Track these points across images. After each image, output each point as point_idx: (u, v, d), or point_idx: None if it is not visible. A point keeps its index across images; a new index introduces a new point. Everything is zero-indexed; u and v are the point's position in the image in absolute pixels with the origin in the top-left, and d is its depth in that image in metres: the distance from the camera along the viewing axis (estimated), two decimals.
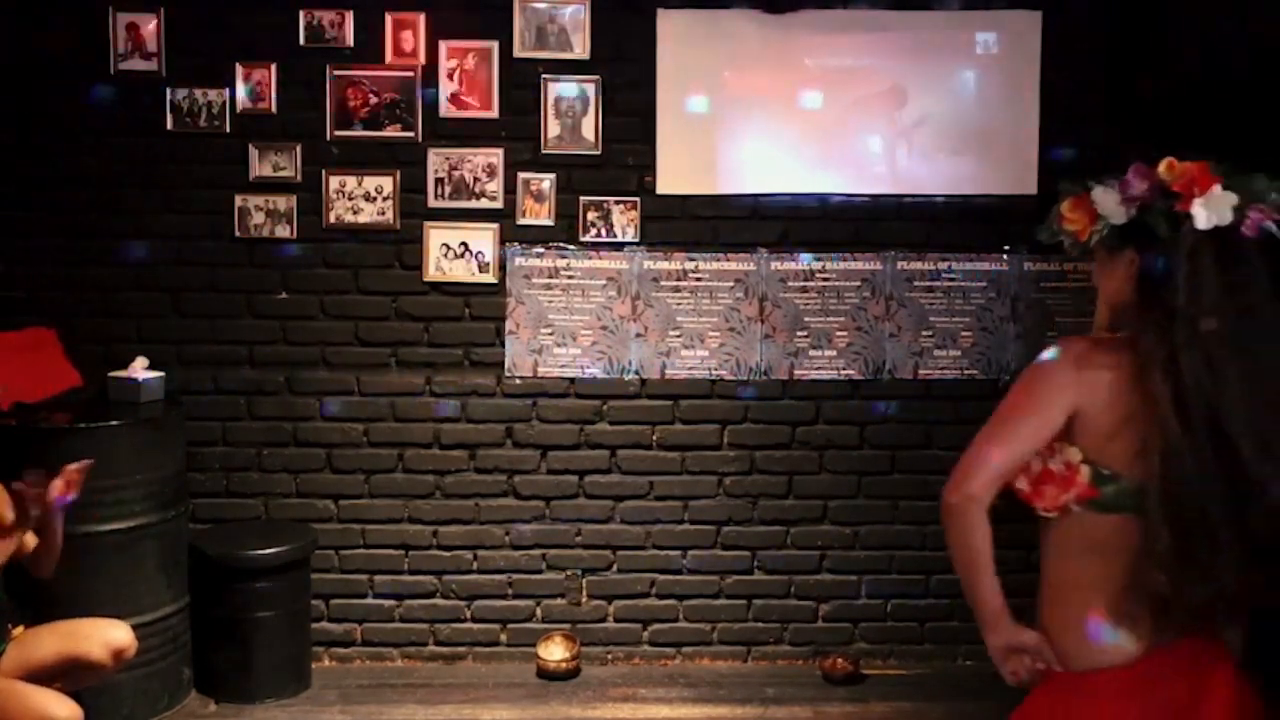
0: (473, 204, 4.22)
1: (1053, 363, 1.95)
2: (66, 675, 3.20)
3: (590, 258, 4.25)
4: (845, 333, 4.29)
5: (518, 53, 4.18)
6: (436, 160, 4.21)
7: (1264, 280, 1.90)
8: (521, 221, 4.23)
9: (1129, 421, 1.88)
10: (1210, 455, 1.82)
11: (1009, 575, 2.11)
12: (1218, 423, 1.82)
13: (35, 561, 3.26)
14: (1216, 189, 1.96)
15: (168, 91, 4.14)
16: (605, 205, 4.23)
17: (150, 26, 4.13)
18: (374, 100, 4.18)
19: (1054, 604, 2.02)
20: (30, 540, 3.21)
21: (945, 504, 2.03)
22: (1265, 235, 1.90)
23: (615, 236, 4.25)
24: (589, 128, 4.21)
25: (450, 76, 4.19)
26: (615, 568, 4.37)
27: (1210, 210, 1.92)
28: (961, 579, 2.06)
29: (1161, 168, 2.01)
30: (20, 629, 3.23)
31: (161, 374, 4.05)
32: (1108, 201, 2.02)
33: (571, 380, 4.29)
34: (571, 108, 4.21)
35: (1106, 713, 1.95)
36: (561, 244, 4.24)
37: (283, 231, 4.20)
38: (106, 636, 3.28)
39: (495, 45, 4.17)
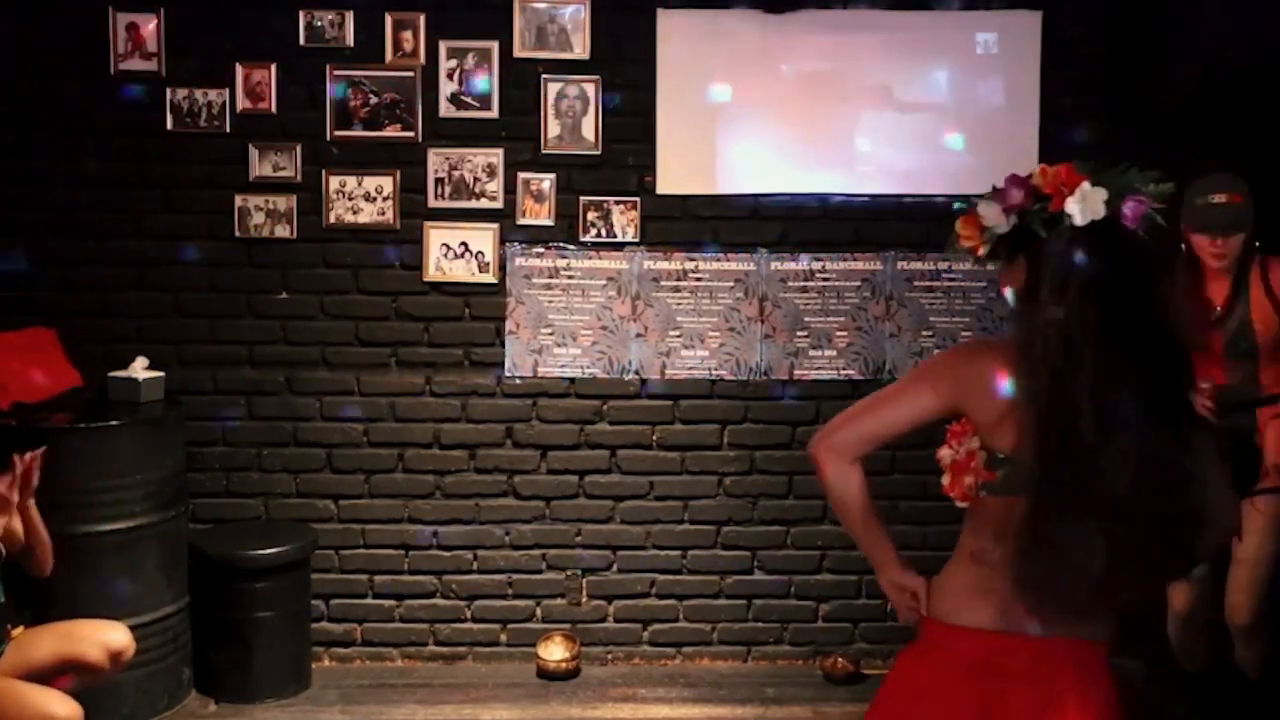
0: (473, 204, 4.22)
1: (942, 353, 2.09)
2: (64, 677, 3.20)
3: (590, 258, 4.25)
4: (845, 333, 4.29)
5: (518, 53, 4.18)
6: (436, 160, 4.21)
7: (1144, 267, 1.99)
8: (521, 221, 4.23)
9: (1013, 407, 1.96)
10: (1066, 440, 1.88)
11: None
12: (1071, 408, 1.88)
13: (29, 558, 3.25)
14: (1085, 185, 1.99)
15: (168, 91, 4.14)
16: (605, 205, 4.23)
17: (150, 26, 4.13)
18: (374, 100, 4.18)
19: (952, 567, 2.14)
20: (17, 527, 3.18)
21: (810, 456, 2.17)
22: (1148, 223, 1.98)
23: (615, 236, 4.25)
24: (589, 128, 4.21)
25: (450, 76, 4.19)
26: (615, 568, 4.37)
27: (1083, 207, 1.97)
28: (843, 526, 2.25)
29: (1034, 174, 2.07)
30: (19, 630, 3.22)
31: (161, 374, 4.05)
32: (991, 213, 2.07)
33: (571, 380, 4.29)
34: (571, 108, 4.21)
35: (948, 668, 2.04)
36: (561, 244, 4.24)
37: (283, 231, 4.20)
38: (104, 638, 3.27)
39: (495, 45, 4.18)
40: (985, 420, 2.03)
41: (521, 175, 4.21)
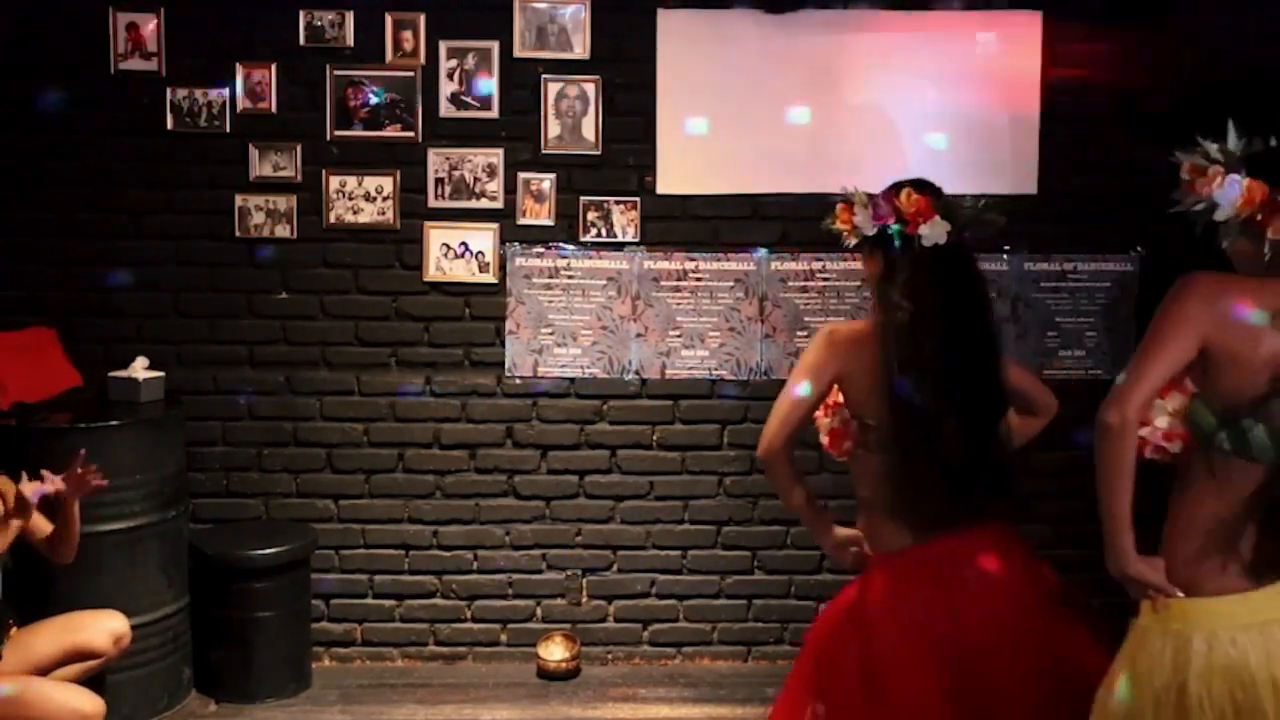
0: (473, 204, 4.22)
1: (818, 346, 2.69)
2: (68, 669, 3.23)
3: (590, 258, 4.25)
4: None
5: (518, 53, 4.18)
6: (436, 160, 4.21)
7: (974, 284, 2.70)
8: (521, 221, 4.23)
9: (878, 381, 2.59)
10: (916, 406, 2.55)
11: None
12: (922, 380, 2.55)
13: (53, 547, 3.28)
14: (936, 219, 2.60)
15: (168, 91, 4.14)
16: (605, 205, 4.23)
17: (150, 26, 4.13)
18: (374, 100, 4.18)
19: (861, 515, 2.76)
20: (44, 526, 3.23)
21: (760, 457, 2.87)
22: (978, 242, 2.69)
23: (615, 236, 4.25)
24: (589, 128, 4.21)
25: (450, 76, 4.19)
26: (615, 568, 4.37)
27: (931, 233, 2.60)
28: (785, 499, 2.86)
29: (901, 197, 2.62)
30: (14, 630, 3.23)
31: (161, 374, 4.05)
32: (862, 218, 2.69)
33: (571, 380, 4.29)
34: (571, 108, 4.21)
35: (885, 581, 2.65)
36: (561, 244, 4.24)
37: (283, 231, 4.20)
38: (106, 625, 3.31)
39: (495, 45, 4.18)
40: (855, 393, 2.69)
41: (521, 175, 4.21)
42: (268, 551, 3.98)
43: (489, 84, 4.18)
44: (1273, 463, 2.10)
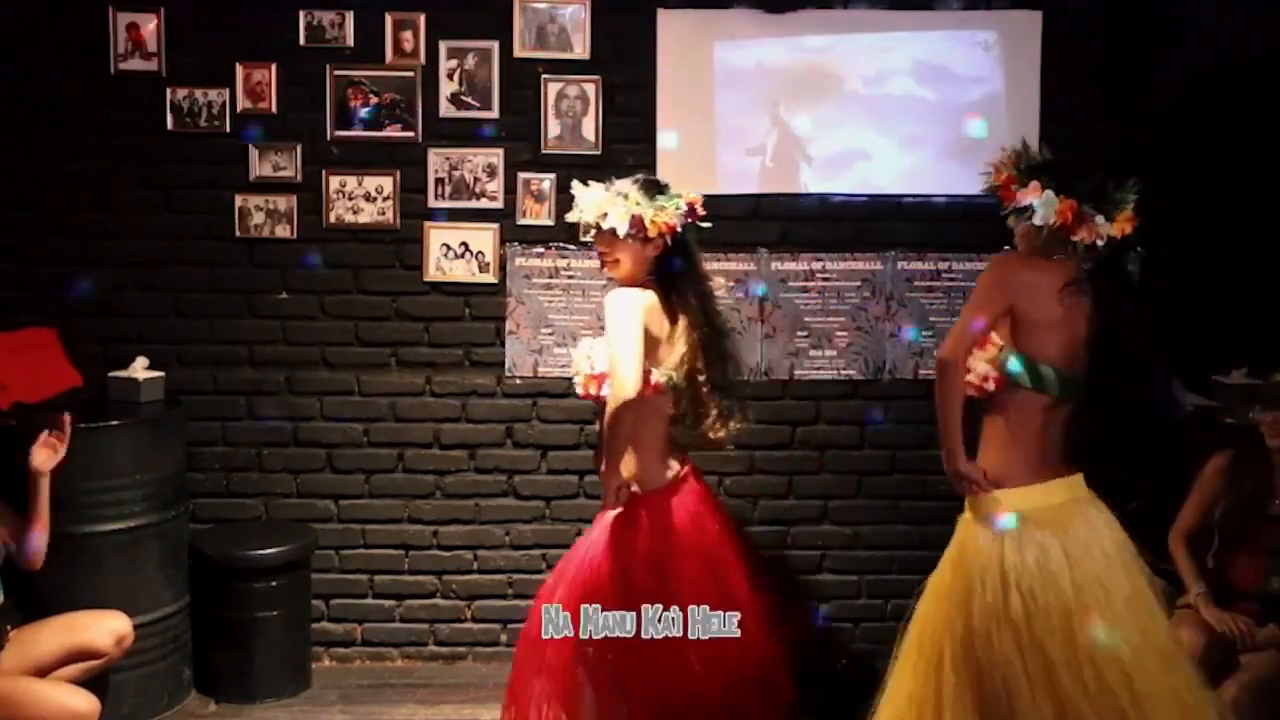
0: (473, 204, 4.22)
1: (629, 312, 2.99)
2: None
3: (590, 258, 4.24)
4: (845, 333, 4.29)
5: (518, 53, 4.18)
6: (436, 160, 4.21)
7: (701, 274, 3.25)
8: (521, 221, 4.23)
9: (671, 337, 3.10)
10: (703, 356, 3.10)
11: None
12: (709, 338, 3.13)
13: (22, 545, 3.25)
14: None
15: (168, 91, 4.14)
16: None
17: (150, 26, 4.13)
18: (374, 100, 4.18)
19: (635, 452, 3.08)
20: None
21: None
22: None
23: None
24: (589, 128, 4.21)
25: (450, 76, 4.19)
26: None
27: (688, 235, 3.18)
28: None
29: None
30: (14, 630, 3.23)
31: (161, 374, 4.05)
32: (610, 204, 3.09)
33: (571, 380, 4.28)
34: (571, 108, 4.21)
35: (656, 513, 3.08)
36: (561, 244, 4.24)
37: (283, 231, 4.20)
38: (108, 625, 3.30)
39: (495, 45, 4.18)
40: (656, 345, 3.07)
41: (521, 175, 4.21)
42: (268, 551, 3.98)
43: (489, 84, 4.17)
44: (1057, 394, 2.88)
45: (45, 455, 3.28)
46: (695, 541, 3.08)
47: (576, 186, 3.12)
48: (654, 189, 3.11)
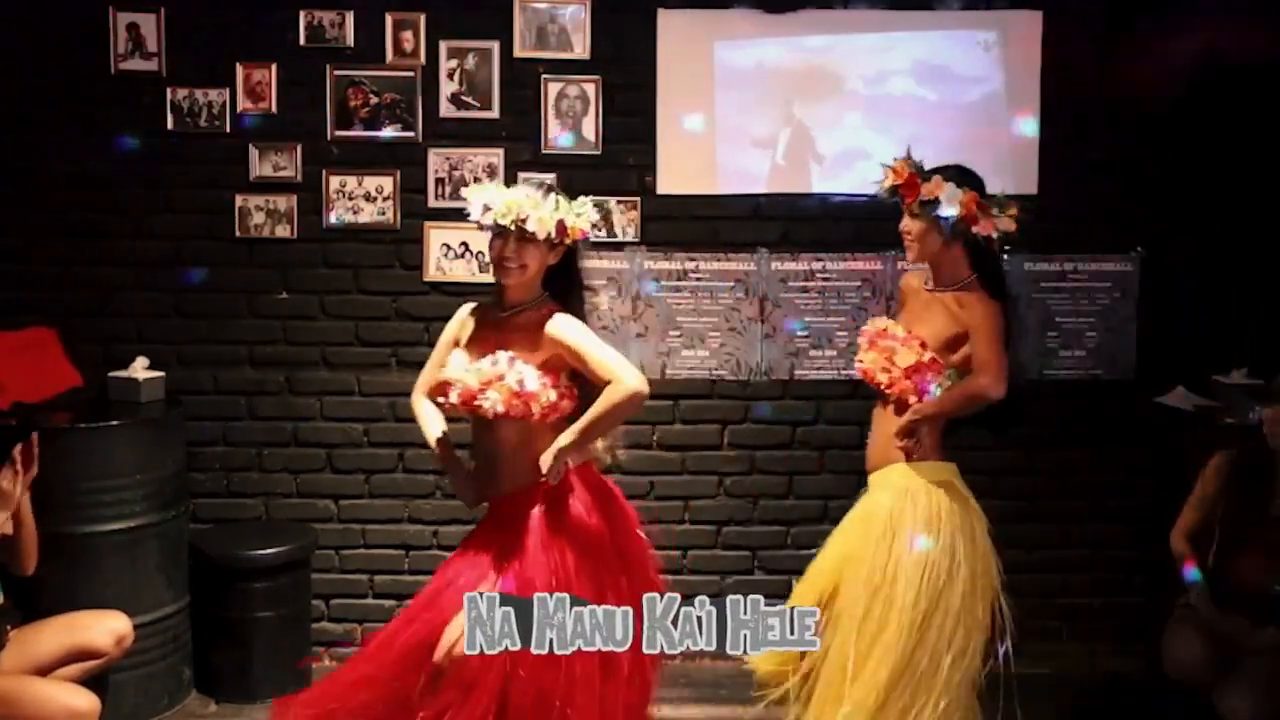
0: None
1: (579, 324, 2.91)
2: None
3: (590, 258, 4.24)
4: (845, 333, 4.28)
5: (518, 53, 4.18)
6: (436, 160, 4.21)
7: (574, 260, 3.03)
8: None
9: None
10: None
11: None
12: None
13: (15, 553, 3.24)
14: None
15: (168, 91, 4.14)
16: (605, 205, 4.23)
17: (150, 26, 4.13)
18: (374, 100, 4.18)
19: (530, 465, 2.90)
20: (5, 526, 3.18)
21: None
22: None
23: (615, 236, 4.25)
24: (589, 128, 4.21)
25: (450, 76, 4.19)
26: None
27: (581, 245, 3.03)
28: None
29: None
30: (13, 630, 3.22)
31: (161, 374, 4.05)
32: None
33: None
34: (571, 108, 4.21)
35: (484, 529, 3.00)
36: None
37: (283, 231, 4.20)
38: (108, 625, 3.30)
39: (495, 45, 4.18)
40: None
41: (521, 175, 4.20)
42: (268, 551, 3.97)
43: (489, 84, 4.17)
44: None
45: (10, 475, 3.15)
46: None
47: (472, 187, 2.93)
48: (558, 192, 2.93)
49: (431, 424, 3.12)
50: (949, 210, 3.08)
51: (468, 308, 3.11)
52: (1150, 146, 4.28)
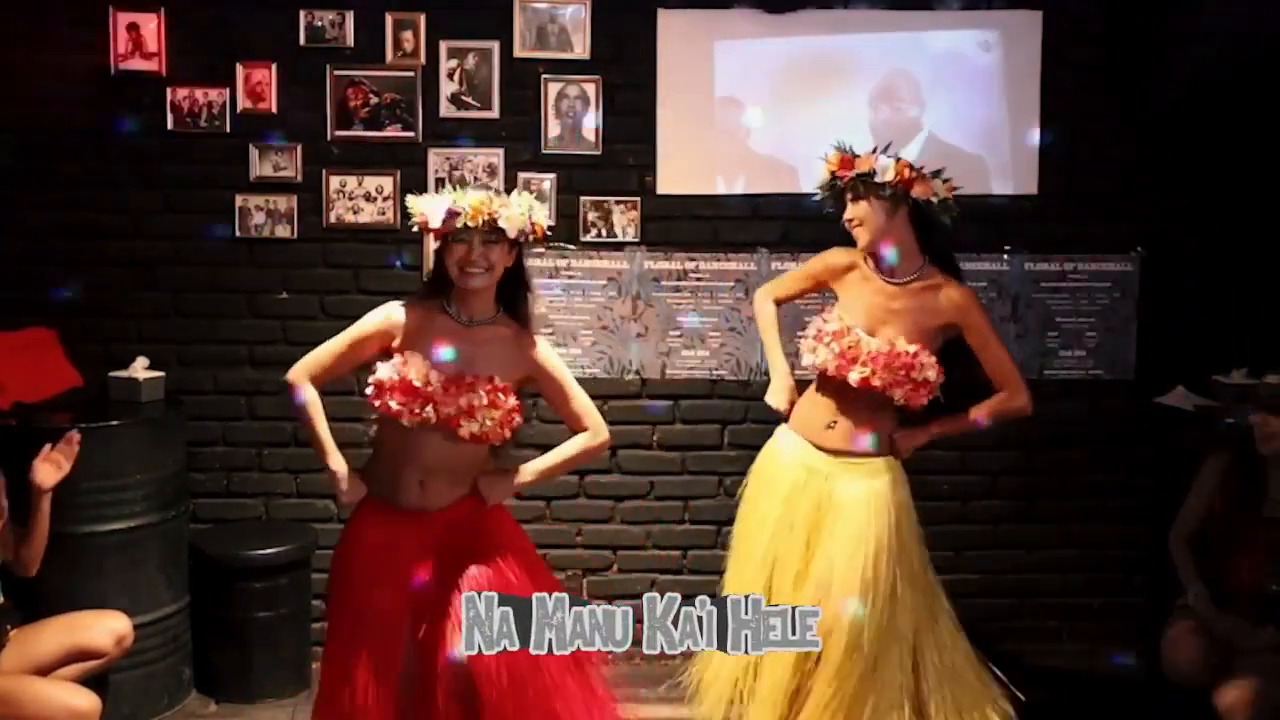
0: None
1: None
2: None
3: (590, 258, 4.25)
4: None
5: (518, 53, 4.18)
6: (436, 160, 4.21)
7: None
8: None
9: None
10: None
11: None
12: None
13: (19, 554, 3.25)
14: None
15: (168, 91, 4.14)
16: (605, 205, 4.23)
17: (150, 26, 4.13)
18: (374, 100, 4.18)
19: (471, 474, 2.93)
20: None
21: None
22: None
23: (615, 236, 4.25)
24: (589, 128, 4.21)
25: (450, 76, 4.19)
26: (615, 568, 4.37)
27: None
28: None
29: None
30: (13, 630, 3.22)
31: (161, 374, 4.05)
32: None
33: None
34: (571, 108, 4.21)
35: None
36: (561, 244, 4.24)
37: (283, 231, 4.20)
38: (108, 625, 3.30)
39: (495, 45, 4.18)
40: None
41: (521, 175, 4.21)
42: (268, 551, 3.97)
43: (489, 84, 4.17)
44: None
45: (48, 471, 3.24)
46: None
47: (415, 199, 2.87)
48: (498, 191, 2.88)
49: (320, 414, 2.96)
50: (883, 175, 3.26)
51: (397, 309, 2.89)
52: (1150, 146, 4.28)
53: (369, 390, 2.83)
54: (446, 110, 4.20)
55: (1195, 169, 4.29)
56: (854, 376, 3.28)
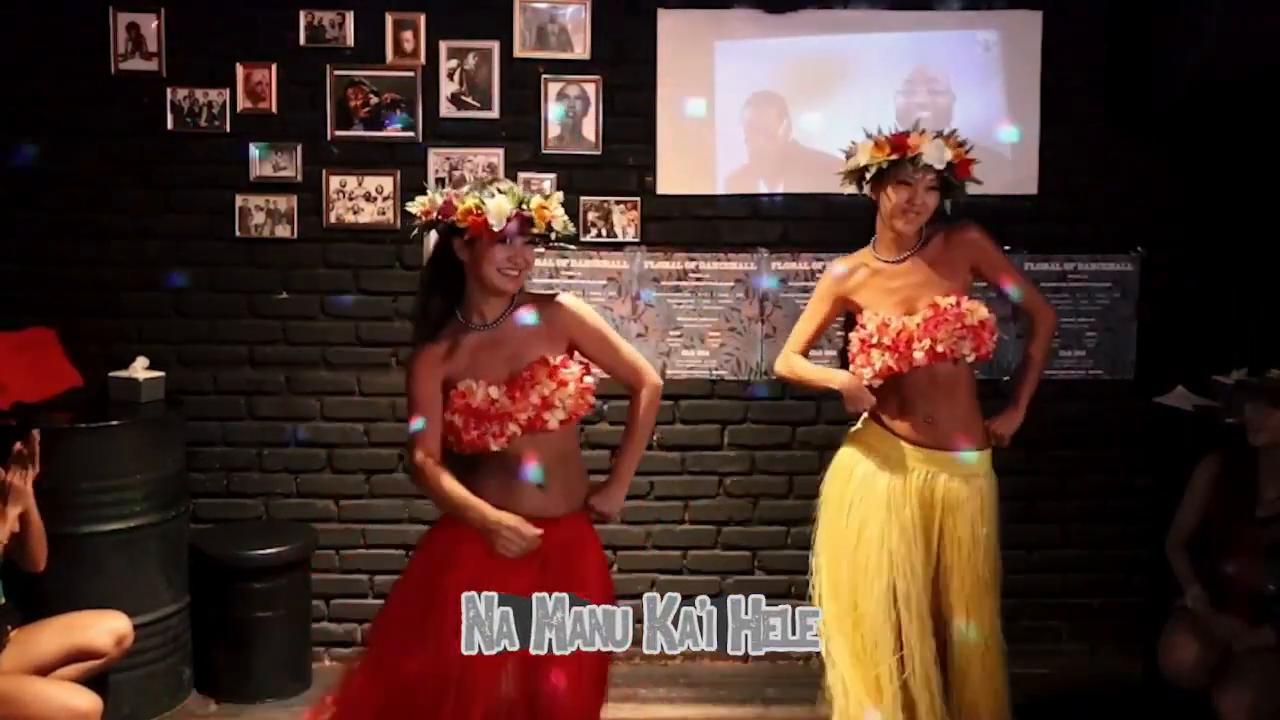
0: None
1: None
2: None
3: (590, 258, 4.25)
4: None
5: (518, 53, 4.18)
6: (436, 160, 4.21)
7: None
8: None
9: None
10: None
11: None
12: None
13: (24, 551, 3.24)
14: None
15: (168, 91, 4.14)
16: (605, 205, 4.24)
17: (150, 26, 4.13)
18: (374, 100, 4.18)
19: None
20: (13, 524, 3.18)
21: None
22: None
23: (615, 236, 4.25)
24: (589, 128, 4.21)
25: (450, 76, 4.19)
26: (615, 568, 4.36)
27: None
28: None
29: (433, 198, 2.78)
30: (14, 630, 3.22)
31: (161, 374, 4.05)
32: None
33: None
34: (572, 108, 4.21)
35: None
36: (561, 244, 4.22)
37: (283, 231, 4.21)
38: (109, 625, 3.30)
39: (495, 45, 4.18)
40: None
41: (522, 175, 4.21)
42: (268, 551, 3.98)
43: (489, 84, 4.17)
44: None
45: (18, 472, 3.16)
46: None
47: (461, 194, 2.72)
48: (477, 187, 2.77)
49: (455, 483, 2.65)
50: (937, 160, 3.16)
51: (426, 355, 2.71)
52: (1150, 146, 4.28)
53: (450, 440, 2.68)
54: (446, 110, 4.20)
55: (1195, 169, 4.29)
56: (918, 355, 3.18)
